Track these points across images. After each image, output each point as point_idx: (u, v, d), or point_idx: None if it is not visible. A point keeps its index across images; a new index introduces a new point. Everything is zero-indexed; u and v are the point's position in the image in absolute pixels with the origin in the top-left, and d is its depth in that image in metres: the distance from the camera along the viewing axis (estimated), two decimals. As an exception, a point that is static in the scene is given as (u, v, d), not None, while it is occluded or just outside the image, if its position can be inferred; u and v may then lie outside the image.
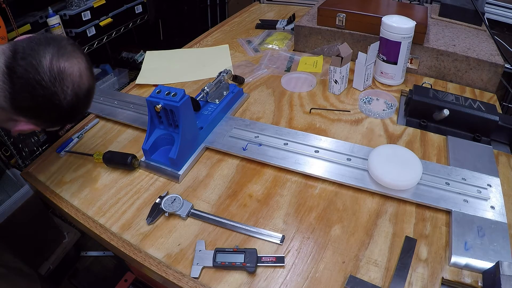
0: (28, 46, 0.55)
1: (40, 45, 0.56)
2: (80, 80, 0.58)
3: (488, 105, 0.79)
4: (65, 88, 0.56)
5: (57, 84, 0.55)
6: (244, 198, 0.67)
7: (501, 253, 0.54)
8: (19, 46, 0.55)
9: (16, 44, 0.56)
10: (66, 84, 0.56)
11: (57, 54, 0.56)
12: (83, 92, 0.59)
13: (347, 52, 0.89)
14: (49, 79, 0.54)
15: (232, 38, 1.31)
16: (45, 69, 0.54)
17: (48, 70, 0.54)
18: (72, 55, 0.58)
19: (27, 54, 0.54)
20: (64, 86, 0.56)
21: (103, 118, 0.91)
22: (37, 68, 0.54)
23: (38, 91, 0.54)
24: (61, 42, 0.58)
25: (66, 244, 1.31)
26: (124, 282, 1.25)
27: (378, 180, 0.65)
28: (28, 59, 0.54)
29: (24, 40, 0.57)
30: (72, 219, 0.68)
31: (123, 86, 1.88)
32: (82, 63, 0.59)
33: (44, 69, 0.54)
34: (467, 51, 0.93)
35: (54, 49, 0.56)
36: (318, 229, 0.61)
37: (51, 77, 0.54)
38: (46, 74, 0.54)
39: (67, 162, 0.79)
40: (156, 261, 0.58)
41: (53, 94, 0.55)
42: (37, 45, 0.56)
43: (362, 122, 0.84)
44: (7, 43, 0.57)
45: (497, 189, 0.63)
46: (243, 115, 0.89)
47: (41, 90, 0.54)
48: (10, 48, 0.55)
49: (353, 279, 0.52)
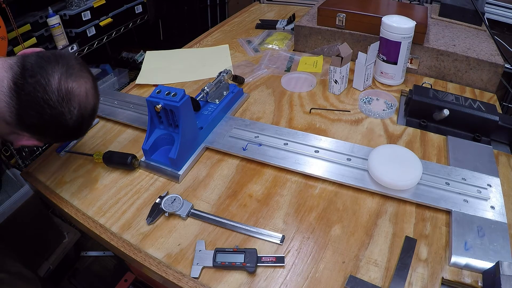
0: (37, 64, 0.55)
1: (49, 63, 0.56)
2: (86, 101, 0.59)
3: (488, 105, 0.79)
4: (72, 108, 0.57)
5: (65, 104, 0.56)
6: (244, 198, 0.67)
7: (501, 253, 0.54)
8: (27, 63, 0.55)
9: (25, 60, 0.56)
10: (73, 105, 0.57)
11: (66, 73, 0.56)
12: (88, 112, 0.60)
13: (347, 52, 0.89)
14: (57, 99, 0.55)
15: (232, 38, 1.31)
16: (54, 89, 0.54)
17: (56, 90, 0.55)
18: (80, 75, 0.58)
19: (36, 72, 0.54)
20: (71, 107, 0.56)
21: (103, 118, 0.91)
22: (46, 87, 0.54)
23: (46, 110, 0.54)
24: (70, 61, 0.58)
25: (66, 244, 1.31)
26: (124, 282, 1.25)
27: (378, 180, 0.65)
28: (37, 77, 0.54)
29: (32, 55, 0.57)
30: (72, 219, 0.68)
31: (123, 86, 1.88)
32: (88, 82, 0.60)
33: (52, 88, 0.54)
34: (467, 51, 0.93)
35: (63, 68, 0.56)
36: (318, 229, 0.61)
37: (59, 97, 0.55)
38: (54, 93, 0.54)
39: (67, 162, 0.79)
40: (156, 261, 0.58)
41: (60, 114, 0.56)
42: (46, 63, 0.56)
43: (362, 122, 0.84)
44: (15, 58, 0.57)
45: (497, 189, 0.63)
46: (243, 115, 0.89)
47: (49, 110, 0.54)
48: (18, 64, 0.55)
49: (353, 279, 0.52)
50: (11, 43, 1.26)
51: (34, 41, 1.38)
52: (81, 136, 0.65)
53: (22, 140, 0.59)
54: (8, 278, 0.73)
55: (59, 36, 1.45)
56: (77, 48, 1.53)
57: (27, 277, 0.78)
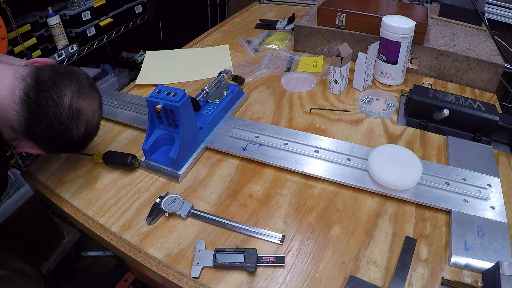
0: (51, 79, 0.58)
1: (63, 80, 0.59)
2: (93, 119, 0.63)
3: (488, 105, 0.79)
4: (79, 126, 0.60)
5: (74, 121, 0.59)
6: (244, 198, 0.67)
7: (501, 253, 0.54)
8: (41, 76, 0.58)
9: (38, 73, 0.58)
10: (81, 123, 0.60)
11: (78, 92, 0.59)
12: (92, 130, 0.64)
13: (347, 52, 0.89)
14: (67, 116, 0.58)
15: (232, 38, 1.31)
16: (65, 106, 0.57)
17: (68, 107, 0.58)
18: (90, 95, 0.62)
19: (50, 87, 0.57)
20: (79, 124, 0.60)
21: (103, 118, 0.90)
22: (58, 103, 0.57)
23: (55, 125, 0.57)
24: (82, 80, 0.62)
25: (66, 244, 1.31)
26: (124, 282, 1.25)
27: (378, 180, 0.65)
28: (50, 93, 0.57)
29: (46, 69, 0.60)
30: (72, 219, 0.68)
31: (123, 86, 1.88)
32: (96, 103, 0.64)
33: (64, 105, 0.57)
34: (467, 51, 0.93)
35: (76, 87, 0.59)
36: (318, 229, 0.61)
37: (70, 115, 0.58)
38: (66, 110, 0.57)
39: (67, 162, 0.79)
40: (156, 261, 0.58)
41: (68, 130, 0.59)
42: (61, 80, 0.59)
43: (362, 122, 0.84)
44: (28, 68, 0.59)
45: (497, 189, 0.63)
46: (243, 115, 0.89)
47: (58, 125, 0.57)
48: (31, 77, 0.57)
49: (353, 279, 0.52)
50: (11, 43, 1.26)
51: (34, 41, 1.38)
52: (82, 150, 0.70)
53: (25, 147, 0.61)
54: (10, 275, 0.73)
55: (59, 36, 1.45)
56: (77, 48, 1.53)
57: (30, 275, 0.78)
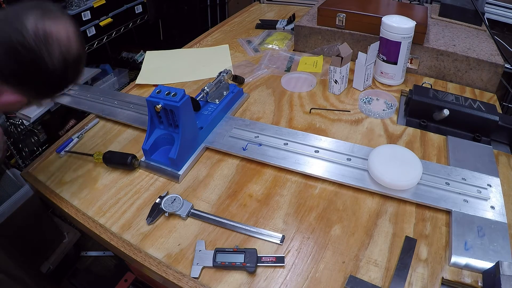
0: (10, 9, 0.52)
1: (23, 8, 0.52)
2: (69, 44, 0.54)
3: (488, 105, 0.79)
4: (51, 51, 0.52)
5: (43, 47, 0.51)
6: (244, 198, 0.67)
7: (501, 253, 0.54)
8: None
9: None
10: (53, 48, 0.52)
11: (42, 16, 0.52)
12: (72, 57, 0.55)
13: (347, 52, 0.89)
14: (34, 42, 0.51)
15: (232, 38, 1.31)
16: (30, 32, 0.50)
17: (33, 32, 0.51)
18: (59, 18, 0.54)
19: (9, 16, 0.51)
20: (51, 49, 0.52)
21: (103, 118, 0.91)
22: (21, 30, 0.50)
23: (23, 54, 0.51)
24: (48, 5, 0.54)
25: (66, 244, 1.31)
26: (124, 282, 1.25)
27: (378, 180, 0.65)
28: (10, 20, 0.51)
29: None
30: (72, 219, 0.68)
31: (123, 86, 1.88)
32: (70, 27, 0.55)
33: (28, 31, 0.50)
34: (467, 51, 0.93)
35: (39, 11, 0.53)
36: (318, 229, 0.61)
37: (37, 40, 0.51)
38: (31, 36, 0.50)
39: (67, 162, 0.79)
40: (156, 261, 0.58)
41: (39, 57, 0.52)
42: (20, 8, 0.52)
43: (362, 122, 0.84)
44: None
45: (497, 189, 0.63)
46: (243, 115, 0.89)
47: (26, 53, 0.51)
48: None
49: (353, 279, 0.52)
50: (11, 43, 1.25)
51: (34, 41, 1.37)
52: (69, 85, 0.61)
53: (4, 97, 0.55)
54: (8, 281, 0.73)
55: (59, 36, 1.45)
56: (77, 48, 1.52)
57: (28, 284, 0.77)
